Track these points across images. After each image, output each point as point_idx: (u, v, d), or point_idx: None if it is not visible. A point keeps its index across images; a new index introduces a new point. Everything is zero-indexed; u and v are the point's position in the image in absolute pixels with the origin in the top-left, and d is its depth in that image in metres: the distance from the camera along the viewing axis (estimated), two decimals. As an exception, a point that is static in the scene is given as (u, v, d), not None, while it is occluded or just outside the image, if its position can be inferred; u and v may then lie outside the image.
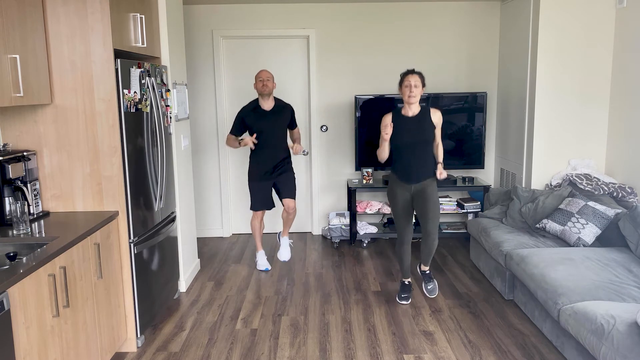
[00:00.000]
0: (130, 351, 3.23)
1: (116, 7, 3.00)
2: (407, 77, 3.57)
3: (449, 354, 3.12)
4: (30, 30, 2.72)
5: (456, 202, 5.28)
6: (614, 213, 3.79)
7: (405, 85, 3.57)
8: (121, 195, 3.06)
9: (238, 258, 4.95)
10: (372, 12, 5.34)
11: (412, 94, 3.55)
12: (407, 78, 3.57)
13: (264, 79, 4.32)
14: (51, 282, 2.32)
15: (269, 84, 4.32)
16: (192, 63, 5.39)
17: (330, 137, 5.54)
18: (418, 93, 3.56)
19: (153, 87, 3.44)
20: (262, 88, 4.33)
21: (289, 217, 4.68)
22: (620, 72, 4.34)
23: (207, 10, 5.30)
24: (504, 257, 3.78)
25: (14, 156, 2.81)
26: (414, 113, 3.63)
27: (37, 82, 2.77)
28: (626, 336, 2.39)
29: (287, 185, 4.55)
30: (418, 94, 3.56)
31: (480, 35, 5.38)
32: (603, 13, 4.39)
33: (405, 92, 3.57)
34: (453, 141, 5.24)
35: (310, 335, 3.40)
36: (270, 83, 4.34)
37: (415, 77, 3.55)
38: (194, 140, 5.51)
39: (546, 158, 4.60)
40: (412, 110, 3.63)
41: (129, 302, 3.17)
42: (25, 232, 2.68)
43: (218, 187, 5.61)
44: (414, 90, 3.54)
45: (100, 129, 2.99)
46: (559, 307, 2.92)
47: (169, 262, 3.80)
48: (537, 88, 4.50)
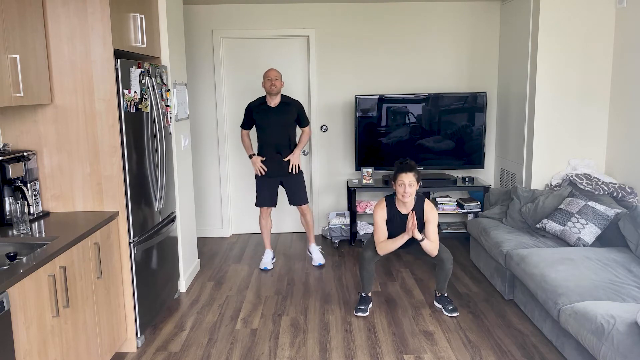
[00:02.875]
0: (130, 351, 3.23)
1: (116, 7, 3.00)
2: (401, 176, 3.44)
3: (449, 354, 3.12)
4: (30, 30, 2.72)
5: (456, 202, 5.28)
6: (614, 213, 3.79)
7: (399, 184, 3.46)
8: (121, 195, 3.06)
9: (238, 258, 4.95)
10: (372, 12, 5.34)
11: (406, 194, 3.45)
12: (400, 177, 3.45)
13: (272, 78, 4.34)
14: (51, 282, 2.32)
15: (277, 83, 4.35)
16: (192, 63, 5.39)
17: (330, 137, 5.54)
18: (413, 192, 3.46)
19: (153, 87, 3.44)
20: (270, 88, 4.36)
21: (307, 220, 4.68)
22: (620, 72, 4.34)
23: (207, 10, 5.31)
24: (504, 257, 3.78)
25: (14, 156, 2.81)
26: (408, 210, 3.55)
27: (37, 82, 2.77)
28: (626, 336, 2.39)
29: (296, 191, 4.56)
30: (413, 192, 3.46)
31: (480, 35, 5.38)
32: (603, 13, 4.39)
33: (399, 190, 3.47)
34: (453, 141, 5.24)
35: (310, 335, 3.40)
36: (279, 82, 4.36)
37: (409, 176, 3.43)
38: (194, 140, 5.51)
39: (546, 158, 4.60)
40: (407, 207, 3.55)
41: (129, 302, 3.17)
42: (25, 232, 2.68)
43: (218, 187, 5.61)
44: (408, 190, 3.44)
45: (100, 129, 2.99)
46: (559, 307, 2.92)
47: (169, 262, 3.80)
48: (537, 88, 4.51)
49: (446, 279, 3.67)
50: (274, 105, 4.43)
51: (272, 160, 4.46)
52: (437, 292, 3.76)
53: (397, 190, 3.49)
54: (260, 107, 4.45)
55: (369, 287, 3.71)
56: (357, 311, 3.65)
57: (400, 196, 3.49)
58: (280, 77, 4.40)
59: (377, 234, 3.58)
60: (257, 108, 4.45)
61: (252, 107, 4.48)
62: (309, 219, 4.67)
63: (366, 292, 3.73)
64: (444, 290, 3.72)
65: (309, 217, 4.67)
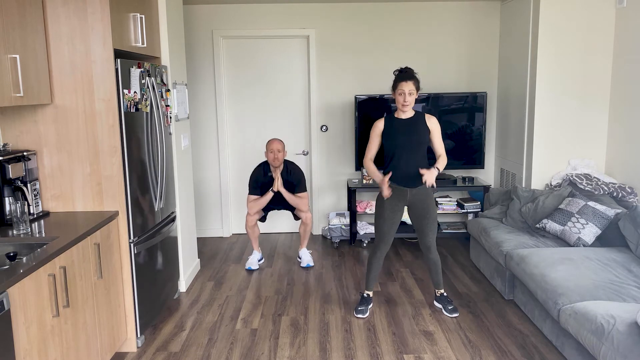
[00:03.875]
0: (130, 351, 3.23)
1: (116, 7, 3.00)
2: (401, 84, 3.42)
3: (449, 354, 3.12)
4: (30, 30, 2.72)
5: (456, 202, 5.28)
6: (614, 213, 3.79)
7: (399, 93, 3.45)
8: (121, 195, 3.06)
9: (238, 258, 4.95)
10: (372, 12, 5.34)
11: (406, 103, 3.43)
12: (400, 85, 3.43)
13: (274, 151, 4.39)
14: (51, 282, 2.32)
15: (280, 156, 4.41)
16: (192, 63, 5.39)
17: (330, 137, 5.54)
18: (412, 100, 3.45)
19: (153, 87, 3.44)
20: (273, 160, 4.43)
21: (307, 230, 4.72)
22: (620, 72, 4.34)
23: (207, 10, 5.30)
24: (504, 257, 3.78)
25: (14, 156, 2.81)
26: (408, 117, 3.54)
27: (37, 82, 2.77)
28: (626, 336, 2.39)
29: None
30: (412, 101, 3.45)
31: (480, 36, 5.38)
32: (603, 13, 4.39)
33: (399, 99, 3.46)
34: (453, 141, 5.24)
35: (310, 335, 3.40)
36: (282, 155, 4.42)
37: (409, 84, 3.40)
38: (194, 140, 5.51)
39: (546, 158, 4.60)
40: (406, 115, 3.54)
41: (129, 302, 3.17)
42: (25, 232, 2.68)
43: (218, 187, 5.61)
44: (408, 99, 3.43)
45: (100, 129, 2.99)
46: (559, 307, 2.92)
47: (169, 262, 3.80)
48: (537, 88, 4.50)
49: (437, 271, 3.67)
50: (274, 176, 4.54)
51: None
52: (436, 290, 3.75)
53: (397, 100, 3.48)
54: (266, 175, 4.55)
55: (372, 284, 3.71)
56: (357, 312, 3.65)
57: (400, 105, 3.47)
58: (283, 148, 4.45)
59: (367, 149, 3.65)
60: (263, 177, 4.55)
61: (258, 178, 4.55)
62: (309, 228, 4.72)
63: (368, 291, 3.73)
64: (442, 286, 3.73)
65: (309, 228, 4.72)
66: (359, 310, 3.65)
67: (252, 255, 4.70)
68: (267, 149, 4.44)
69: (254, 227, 4.65)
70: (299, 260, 4.77)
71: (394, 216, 3.57)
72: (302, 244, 4.79)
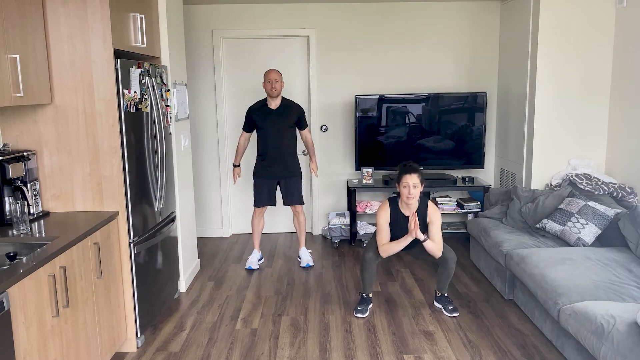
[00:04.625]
0: (130, 351, 3.23)
1: (116, 7, 3.00)
2: (405, 177, 3.43)
3: (449, 354, 3.12)
4: (30, 30, 2.72)
5: (456, 202, 5.28)
6: (614, 213, 3.79)
7: (404, 186, 3.44)
8: (121, 195, 3.06)
9: (238, 258, 4.95)
10: (372, 12, 5.34)
11: (410, 196, 3.43)
12: (404, 178, 3.43)
13: (272, 81, 4.36)
14: (51, 282, 2.32)
15: (277, 85, 4.37)
16: (192, 63, 5.39)
17: (330, 137, 5.54)
18: (417, 193, 3.44)
19: (153, 87, 3.44)
20: (270, 90, 4.39)
21: (300, 221, 4.71)
22: (620, 72, 4.34)
23: (207, 10, 5.30)
24: (504, 257, 3.78)
25: (14, 156, 2.81)
26: (412, 211, 3.53)
27: (37, 82, 2.77)
28: (626, 336, 2.39)
29: (293, 192, 4.59)
30: (417, 194, 3.45)
31: (480, 35, 5.38)
32: (603, 13, 4.39)
33: (404, 192, 3.44)
34: (453, 141, 5.24)
35: (310, 335, 3.40)
36: (279, 85, 4.38)
37: (414, 177, 3.41)
38: (194, 140, 5.51)
39: (546, 158, 4.60)
40: (410, 209, 3.53)
41: (129, 302, 3.17)
42: (25, 232, 2.68)
43: (218, 187, 5.61)
44: (413, 192, 3.42)
45: (100, 129, 2.99)
46: (559, 307, 2.92)
47: (169, 262, 3.80)
48: (537, 88, 4.51)
49: (448, 279, 3.67)
50: (274, 107, 4.45)
51: (272, 161, 4.48)
52: (438, 291, 3.75)
53: (402, 192, 3.48)
54: (261, 109, 4.48)
55: (369, 287, 3.71)
56: (357, 312, 3.65)
57: (404, 198, 3.47)
58: (281, 78, 4.41)
59: (380, 237, 3.57)
60: (258, 110, 4.48)
61: (253, 109, 4.51)
62: (302, 219, 4.71)
63: (367, 293, 3.73)
64: (445, 290, 3.72)
65: (302, 218, 4.71)
66: (359, 310, 3.66)
67: (252, 255, 4.70)
68: (265, 79, 4.40)
69: (260, 220, 4.64)
70: (299, 260, 4.77)
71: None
72: (300, 242, 4.78)
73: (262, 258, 4.82)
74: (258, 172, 4.56)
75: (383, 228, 3.56)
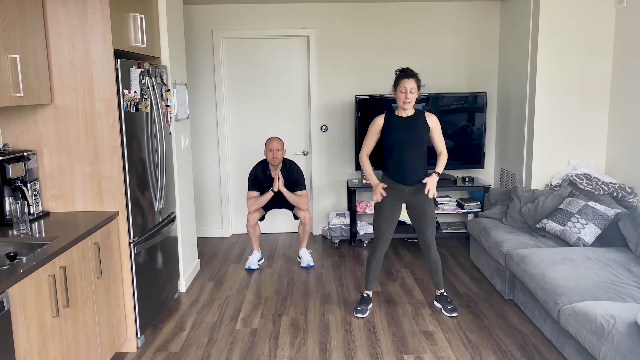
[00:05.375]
0: (130, 351, 3.23)
1: (116, 7, 3.00)
2: (403, 82, 3.42)
3: (449, 354, 3.12)
4: (30, 30, 2.72)
5: (456, 202, 5.27)
6: (614, 213, 3.79)
7: (401, 91, 3.44)
8: (121, 195, 3.06)
9: (238, 258, 4.95)
10: (372, 12, 5.34)
11: (407, 100, 3.43)
12: (402, 82, 3.42)
13: (274, 150, 4.41)
14: (51, 282, 2.32)
15: (279, 155, 4.43)
16: (192, 63, 5.39)
17: (330, 137, 5.54)
18: (413, 98, 3.44)
19: (153, 87, 3.44)
20: (272, 159, 4.45)
21: (305, 230, 4.73)
22: (620, 72, 4.34)
23: (207, 10, 5.31)
24: (504, 257, 3.78)
25: (14, 156, 2.81)
26: (408, 115, 3.53)
27: (37, 82, 2.77)
28: (626, 336, 2.39)
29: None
30: (413, 99, 3.44)
31: (480, 35, 5.38)
32: (603, 13, 4.39)
33: (400, 97, 3.45)
34: (453, 141, 5.24)
35: (310, 335, 3.40)
36: (280, 154, 4.45)
37: (411, 81, 3.41)
38: (194, 140, 5.51)
39: (546, 158, 4.60)
40: (407, 113, 3.53)
41: (129, 302, 3.17)
42: (25, 232, 2.68)
43: (218, 187, 5.61)
44: (410, 96, 3.42)
45: (100, 129, 2.99)
46: (559, 307, 2.92)
47: (169, 262, 3.80)
48: (537, 88, 4.51)
49: (438, 270, 3.67)
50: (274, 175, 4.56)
51: None
52: (436, 290, 3.75)
53: (398, 97, 3.47)
54: (265, 174, 4.57)
55: (372, 283, 3.71)
56: (357, 312, 3.65)
57: (401, 103, 3.46)
58: (282, 147, 4.47)
59: (364, 143, 3.64)
60: (262, 175, 4.57)
61: (257, 174, 4.57)
62: (307, 228, 4.73)
63: (368, 291, 3.73)
64: (442, 286, 3.73)
65: (307, 226, 4.73)
66: (359, 310, 3.65)
67: (252, 255, 4.70)
68: (267, 148, 4.45)
69: (255, 226, 4.65)
70: (299, 260, 4.77)
71: (392, 214, 3.58)
72: (301, 244, 4.79)
73: (262, 258, 4.83)
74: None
75: (369, 135, 3.61)
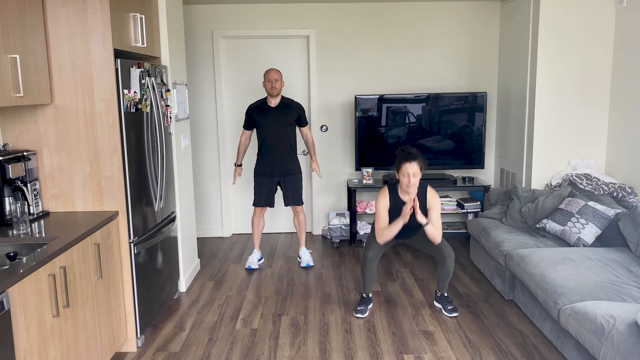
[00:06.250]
0: (130, 351, 3.23)
1: (116, 7, 3.00)
2: (405, 166, 3.35)
3: (449, 354, 3.12)
4: (30, 30, 2.72)
5: (456, 202, 5.28)
6: (614, 213, 3.79)
7: (403, 175, 3.37)
8: (121, 195, 3.06)
9: (238, 258, 4.95)
10: (372, 12, 5.34)
11: (410, 184, 3.38)
12: (404, 167, 3.35)
13: (272, 80, 4.39)
14: (51, 282, 2.32)
15: (277, 85, 4.39)
16: (192, 63, 5.39)
17: (330, 137, 5.54)
18: (417, 182, 3.39)
19: (153, 87, 3.44)
20: (270, 89, 4.42)
21: (300, 221, 4.72)
22: (620, 72, 4.34)
23: (207, 10, 5.30)
24: (504, 257, 3.78)
25: (14, 156, 2.81)
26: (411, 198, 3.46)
27: (37, 82, 2.77)
28: (626, 336, 2.39)
29: (293, 191, 4.59)
30: (417, 183, 3.39)
31: (480, 35, 5.38)
32: (603, 13, 4.39)
33: (404, 182, 3.38)
34: (453, 141, 5.24)
35: (310, 335, 3.40)
36: (279, 84, 4.41)
37: (413, 165, 3.33)
38: (194, 140, 5.51)
39: (546, 158, 4.60)
40: (410, 196, 3.48)
41: (129, 302, 3.17)
42: (25, 232, 2.68)
43: (218, 187, 5.61)
44: (413, 180, 3.36)
45: (100, 129, 2.99)
46: (559, 307, 2.92)
47: (169, 262, 3.80)
48: (537, 88, 4.50)
49: (447, 278, 3.67)
50: (274, 105, 4.47)
51: (272, 159, 4.49)
52: (438, 291, 3.76)
53: (401, 181, 3.42)
54: (261, 107, 4.50)
55: (370, 287, 3.71)
56: (357, 312, 3.65)
57: (404, 187, 3.42)
58: (281, 77, 4.43)
59: (378, 222, 3.54)
60: (258, 109, 4.50)
61: (253, 107, 4.53)
62: (302, 219, 4.71)
63: (367, 292, 3.73)
64: (445, 289, 3.72)
65: (302, 218, 4.71)
66: (359, 310, 3.66)
67: (252, 255, 4.70)
68: (265, 78, 4.43)
69: (260, 220, 4.65)
70: (299, 260, 4.77)
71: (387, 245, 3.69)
72: (300, 242, 4.78)
73: (262, 258, 4.83)
74: (258, 171, 4.57)
75: (381, 214, 3.52)
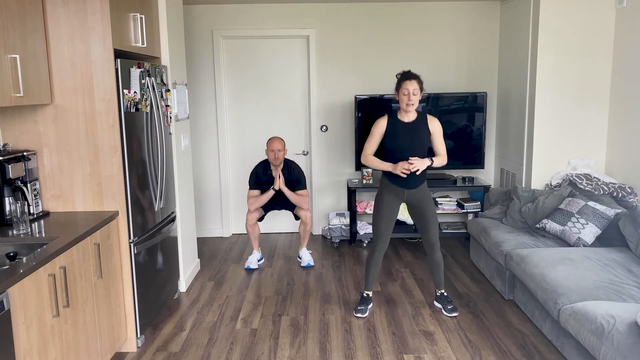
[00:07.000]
0: (130, 351, 3.23)
1: (116, 7, 3.00)
2: (405, 84, 3.39)
3: (449, 354, 3.12)
4: (30, 30, 2.72)
5: (456, 202, 5.27)
6: (614, 213, 3.79)
7: (403, 93, 3.41)
8: (121, 195, 3.06)
9: (238, 258, 4.95)
10: (372, 12, 5.34)
11: (410, 102, 3.40)
12: (404, 84, 3.39)
13: (275, 150, 4.41)
14: (51, 282, 2.32)
15: (280, 155, 4.43)
16: (192, 63, 5.39)
17: (330, 137, 5.54)
18: (416, 100, 3.42)
19: (153, 87, 3.44)
20: (273, 159, 4.45)
21: (307, 230, 4.73)
22: (620, 72, 4.34)
23: (207, 10, 5.31)
24: (504, 257, 3.78)
25: (14, 156, 2.81)
26: (410, 119, 3.50)
27: (37, 82, 2.77)
28: (626, 336, 2.39)
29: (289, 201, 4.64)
30: (416, 101, 3.42)
31: (480, 35, 5.38)
32: (603, 13, 4.39)
33: (403, 99, 3.42)
34: (453, 141, 5.24)
35: (310, 335, 3.40)
36: (282, 154, 4.45)
37: (413, 83, 3.38)
38: (194, 140, 5.51)
39: (546, 158, 4.60)
40: (409, 117, 3.50)
41: (129, 302, 3.17)
42: (25, 232, 2.68)
43: (218, 187, 5.61)
44: (412, 98, 3.39)
45: (100, 129, 2.99)
46: (559, 307, 2.92)
47: (169, 262, 3.80)
48: (537, 88, 4.50)
49: (440, 271, 3.67)
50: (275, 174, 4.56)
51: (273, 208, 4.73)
52: (437, 290, 3.76)
53: (401, 99, 3.44)
54: (266, 174, 4.57)
55: (371, 283, 3.70)
56: (357, 312, 3.65)
57: (404, 105, 3.43)
58: (284, 146, 4.47)
59: (367, 144, 3.58)
60: (263, 175, 4.57)
61: (258, 173, 4.57)
62: (309, 228, 4.72)
63: (368, 291, 3.73)
64: (442, 286, 3.73)
65: (309, 227, 4.72)
66: (359, 310, 3.66)
67: (251, 255, 4.70)
68: (268, 148, 4.45)
69: (254, 225, 4.65)
70: (299, 260, 4.77)
71: (390, 214, 3.58)
72: (302, 244, 4.79)
73: (262, 258, 4.83)
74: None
75: (373, 137, 3.55)
